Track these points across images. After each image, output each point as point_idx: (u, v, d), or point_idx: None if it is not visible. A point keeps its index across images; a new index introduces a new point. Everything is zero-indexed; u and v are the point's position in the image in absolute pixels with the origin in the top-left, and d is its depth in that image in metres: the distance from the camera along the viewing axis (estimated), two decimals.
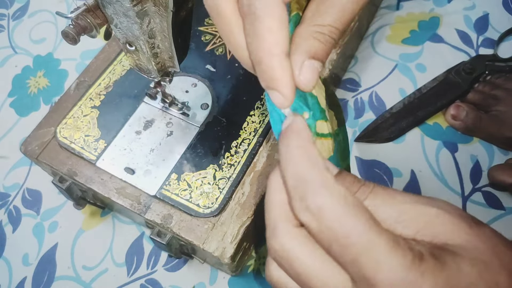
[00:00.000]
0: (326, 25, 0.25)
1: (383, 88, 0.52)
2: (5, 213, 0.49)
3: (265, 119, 0.42)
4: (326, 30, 0.25)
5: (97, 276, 0.44)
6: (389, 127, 0.49)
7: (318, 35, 0.25)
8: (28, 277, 0.45)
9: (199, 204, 0.38)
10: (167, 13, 0.30)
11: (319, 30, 0.25)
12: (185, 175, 0.39)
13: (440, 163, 0.47)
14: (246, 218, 0.37)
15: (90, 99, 0.44)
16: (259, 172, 0.39)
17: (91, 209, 0.48)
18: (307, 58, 0.24)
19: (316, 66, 0.25)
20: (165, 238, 0.37)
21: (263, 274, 0.43)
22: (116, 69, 0.46)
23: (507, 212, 0.44)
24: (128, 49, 0.33)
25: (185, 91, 0.44)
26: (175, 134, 0.42)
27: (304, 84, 0.25)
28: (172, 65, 0.36)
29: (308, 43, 0.25)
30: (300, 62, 0.24)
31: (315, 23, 0.25)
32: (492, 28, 0.54)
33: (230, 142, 0.41)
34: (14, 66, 0.59)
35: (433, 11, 0.57)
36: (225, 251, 0.36)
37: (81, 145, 0.41)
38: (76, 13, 0.29)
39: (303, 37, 0.25)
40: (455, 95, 0.49)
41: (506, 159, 0.46)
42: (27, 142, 0.43)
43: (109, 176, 0.40)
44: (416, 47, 0.54)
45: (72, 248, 0.46)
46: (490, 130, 0.46)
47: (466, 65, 0.49)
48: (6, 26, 0.62)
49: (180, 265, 0.44)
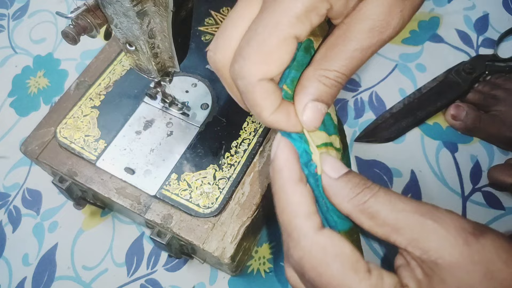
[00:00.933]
0: (333, 70, 0.25)
1: (383, 88, 0.52)
2: (5, 213, 0.49)
3: None
4: (332, 75, 0.25)
5: (97, 276, 0.44)
6: (389, 127, 0.49)
7: (324, 79, 0.25)
8: (28, 277, 0.45)
9: (199, 204, 0.38)
10: (167, 13, 0.30)
11: (325, 74, 0.25)
12: (185, 175, 0.39)
13: (440, 163, 0.47)
14: (246, 218, 0.37)
15: (90, 99, 0.44)
16: (259, 172, 0.39)
17: (91, 209, 0.48)
18: (311, 100, 0.25)
19: (319, 108, 0.26)
20: (165, 238, 0.37)
21: (263, 274, 0.43)
22: (116, 69, 0.46)
23: (507, 212, 0.44)
24: (128, 49, 0.33)
25: (185, 91, 0.44)
26: (175, 134, 0.42)
27: (306, 124, 0.26)
28: (172, 65, 0.36)
29: (314, 86, 0.26)
30: (303, 103, 0.26)
31: (322, 67, 0.26)
32: (492, 28, 0.54)
33: (230, 142, 0.41)
34: (14, 66, 0.59)
35: (433, 11, 0.57)
36: (225, 251, 0.36)
37: (81, 145, 0.41)
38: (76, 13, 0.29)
39: (309, 80, 0.26)
40: (455, 95, 0.49)
41: (506, 159, 0.46)
42: (27, 142, 0.43)
43: (109, 176, 0.40)
44: (416, 47, 0.54)
45: (72, 248, 0.46)
46: (490, 130, 0.46)
47: (466, 65, 0.49)
48: (6, 26, 0.62)
49: (180, 265, 0.44)
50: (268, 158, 0.40)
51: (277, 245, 0.44)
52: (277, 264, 0.43)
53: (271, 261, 0.44)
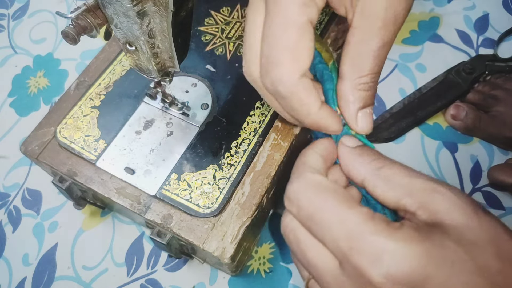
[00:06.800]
0: (367, 74, 0.27)
1: (383, 88, 0.52)
2: (5, 213, 0.49)
3: (265, 119, 0.42)
4: (368, 79, 0.27)
5: (97, 276, 0.44)
6: (389, 127, 0.49)
7: (363, 86, 0.27)
8: (28, 277, 0.45)
9: (199, 204, 0.38)
10: (167, 13, 0.30)
11: (362, 82, 0.27)
12: (185, 175, 0.39)
13: (440, 163, 0.47)
14: (246, 218, 0.37)
15: (90, 99, 0.44)
16: (259, 172, 0.39)
17: (91, 209, 0.48)
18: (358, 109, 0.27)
19: (368, 112, 0.28)
20: (165, 238, 0.37)
21: (263, 274, 0.43)
22: (116, 69, 0.46)
23: (507, 212, 0.44)
24: (128, 49, 0.33)
25: (185, 91, 0.44)
26: (175, 134, 0.42)
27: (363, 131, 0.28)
28: (172, 65, 0.36)
29: (356, 95, 0.27)
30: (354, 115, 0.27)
31: (355, 77, 0.27)
32: (492, 28, 0.54)
33: (230, 142, 0.41)
34: (14, 66, 0.59)
35: (433, 11, 0.57)
36: (225, 251, 0.36)
37: (81, 145, 0.41)
38: (76, 13, 0.29)
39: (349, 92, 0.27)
40: (455, 95, 0.49)
41: (506, 159, 0.46)
42: (27, 142, 0.43)
43: (109, 176, 0.40)
44: (416, 47, 0.54)
45: (72, 248, 0.46)
46: (490, 130, 0.46)
47: (466, 65, 0.49)
48: (6, 26, 0.62)
49: (180, 265, 0.44)
50: (268, 158, 0.40)
51: (277, 245, 0.44)
52: (277, 264, 0.43)
53: (271, 261, 0.44)
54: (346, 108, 0.27)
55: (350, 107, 0.27)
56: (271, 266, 0.43)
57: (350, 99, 0.27)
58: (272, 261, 0.44)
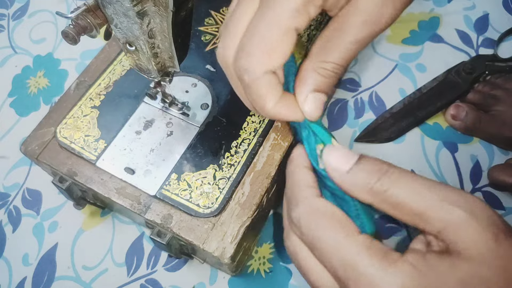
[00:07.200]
0: (330, 62, 0.27)
1: (383, 88, 0.52)
2: (5, 213, 0.49)
3: (265, 119, 0.42)
4: (329, 66, 0.27)
5: (97, 276, 0.44)
6: (389, 127, 0.49)
7: (322, 71, 0.27)
8: (28, 277, 0.45)
9: (199, 204, 0.38)
10: (167, 13, 0.30)
11: (322, 66, 0.27)
12: (185, 175, 0.39)
13: (440, 163, 0.47)
14: (246, 218, 0.37)
15: (90, 99, 0.44)
16: (259, 172, 0.39)
17: (91, 209, 0.48)
18: (311, 91, 0.27)
19: (320, 98, 0.27)
20: (165, 238, 0.37)
21: (263, 274, 0.43)
22: (116, 69, 0.46)
23: (507, 212, 0.44)
24: (128, 49, 0.33)
25: (185, 91, 0.44)
26: (175, 134, 0.42)
27: (308, 114, 0.28)
28: (172, 65, 0.36)
29: (312, 77, 0.27)
30: (304, 95, 0.27)
31: (319, 59, 0.27)
32: (492, 28, 0.54)
33: (230, 142, 0.41)
34: (14, 66, 0.59)
35: (433, 11, 0.57)
36: (225, 251, 0.36)
37: (81, 145, 0.41)
38: (76, 13, 0.29)
39: (308, 72, 0.27)
40: (455, 95, 0.49)
41: (506, 159, 0.46)
42: (27, 142, 0.43)
43: (109, 176, 0.40)
44: (416, 47, 0.54)
45: (72, 248, 0.46)
46: (490, 130, 0.46)
47: (466, 65, 0.49)
48: (6, 26, 0.62)
49: (180, 265, 0.44)
50: (268, 158, 0.40)
51: (277, 245, 0.44)
52: (277, 264, 0.43)
53: (271, 261, 0.44)
54: (299, 87, 0.27)
55: (303, 87, 0.27)
56: (271, 266, 0.43)
57: (306, 78, 0.27)
58: (272, 261, 0.44)
